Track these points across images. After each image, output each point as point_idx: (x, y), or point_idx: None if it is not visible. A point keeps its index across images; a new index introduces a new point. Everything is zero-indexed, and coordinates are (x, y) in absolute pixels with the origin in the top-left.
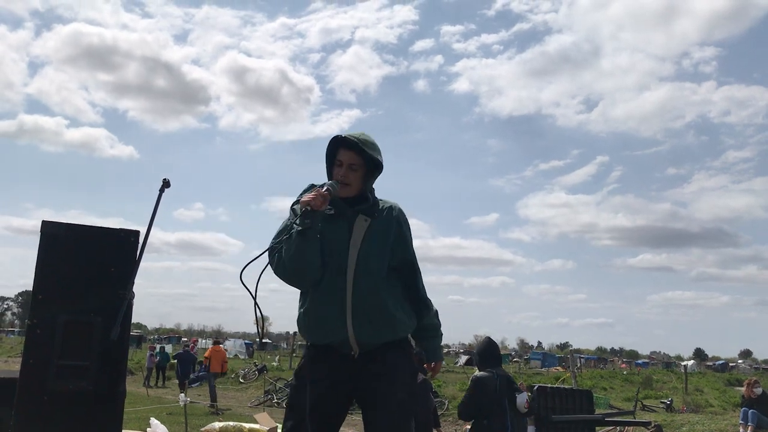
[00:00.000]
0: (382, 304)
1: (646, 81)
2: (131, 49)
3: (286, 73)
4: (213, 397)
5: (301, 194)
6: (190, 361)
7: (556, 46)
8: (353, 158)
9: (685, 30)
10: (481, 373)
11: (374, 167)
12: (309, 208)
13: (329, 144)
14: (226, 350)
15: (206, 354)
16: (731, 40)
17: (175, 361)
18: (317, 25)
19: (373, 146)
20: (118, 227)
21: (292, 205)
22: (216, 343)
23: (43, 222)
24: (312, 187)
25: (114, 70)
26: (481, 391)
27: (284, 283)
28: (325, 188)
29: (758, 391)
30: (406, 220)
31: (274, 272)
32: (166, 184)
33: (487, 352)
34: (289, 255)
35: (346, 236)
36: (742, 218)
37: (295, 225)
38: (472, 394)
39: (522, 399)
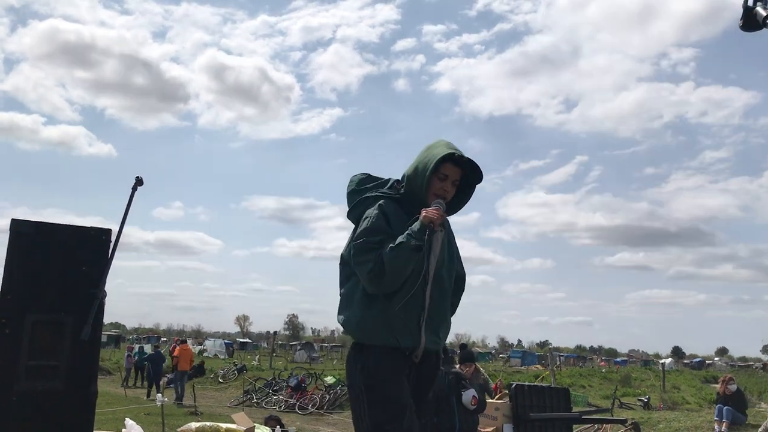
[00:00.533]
0: (446, 315)
1: (625, 81)
2: (109, 46)
3: (267, 71)
4: (180, 396)
5: (361, 189)
6: (161, 361)
7: (536, 47)
8: (458, 175)
9: (662, 31)
10: None
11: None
12: (433, 225)
13: (443, 156)
14: (204, 349)
15: (175, 353)
16: (707, 42)
17: (147, 363)
18: (299, 23)
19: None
20: (94, 226)
21: (377, 203)
22: (182, 342)
23: (12, 220)
24: (367, 176)
25: (92, 68)
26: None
27: (374, 287)
28: (437, 206)
29: (733, 388)
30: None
31: (367, 274)
32: (138, 182)
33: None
34: (396, 265)
35: (426, 245)
36: (718, 218)
37: (412, 238)
38: None
39: (468, 396)
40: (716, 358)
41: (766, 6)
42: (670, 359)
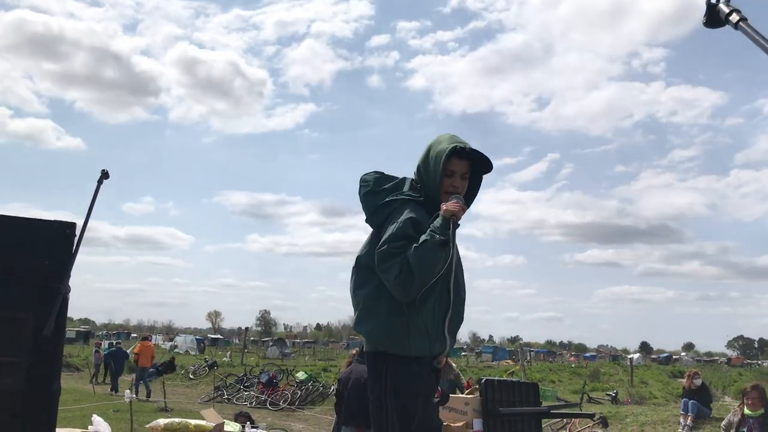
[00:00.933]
0: (462, 319)
1: (596, 80)
2: (78, 38)
3: (239, 66)
4: (147, 392)
5: (379, 191)
6: (122, 357)
7: (509, 45)
8: (466, 167)
9: (632, 30)
10: None
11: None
12: (455, 218)
13: (447, 153)
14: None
15: (135, 350)
16: (677, 42)
17: (110, 360)
18: (273, 17)
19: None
20: (57, 219)
21: (406, 208)
22: (145, 339)
23: None
24: (381, 175)
25: (60, 60)
26: None
27: (401, 293)
28: (456, 200)
29: (698, 382)
30: None
31: (394, 280)
32: (104, 175)
33: None
34: (424, 264)
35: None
36: (685, 215)
37: (436, 234)
38: None
39: None
40: (683, 354)
41: (728, 3)
42: (638, 354)
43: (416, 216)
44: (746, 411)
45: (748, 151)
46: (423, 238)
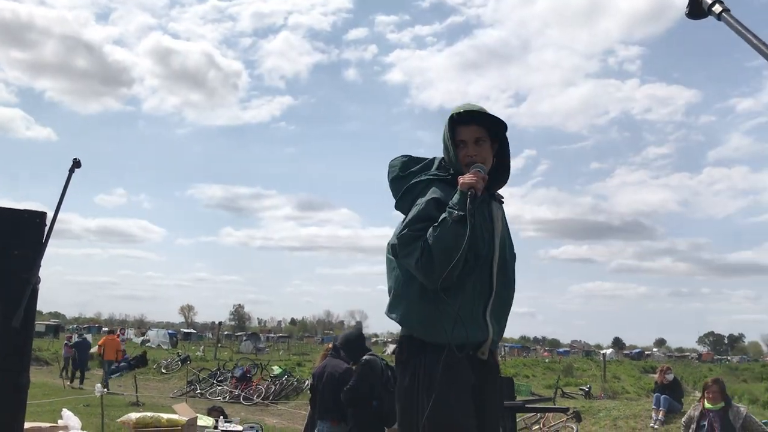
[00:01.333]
0: (511, 304)
1: (573, 77)
2: (49, 26)
3: (214, 57)
4: (106, 381)
5: (406, 175)
6: (87, 349)
7: (487, 40)
8: (476, 131)
9: (609, 28)
10: (370, 356)
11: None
12: (474, 191)
13: (448, 126)
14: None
15: (100, 342)
16: (652, 40)
17: (73, 350)
18: (249, 8)
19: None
20: (27, 209)
21: (430, 188)
22: (110, 332)
23: None
24: (409, 159)
25: (30, 48)
26: (373, 373)
27: (424, 277)
28: (475, 171)
29: (670, 377)
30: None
31: (415, 265)
32: (76, 164)
33: (356, 343)
34: (442, 244)
35: (489, 225)
36: (658, 212)
37: (453, 211)
38: (366, 377)
39: None
40: (655, 349)
41: None
42: (610, 350)
43: (440, 195)
44: (707, 404)
45: (721, 149)
46: (441, 216)
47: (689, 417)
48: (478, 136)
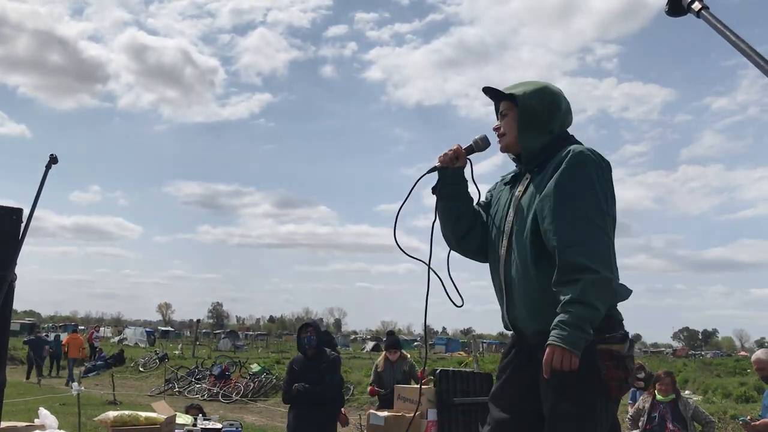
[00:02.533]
0: (528, 292)
1: (550, 75)
2: (22, 21)
3: (191, 54)
4: (70, 381)
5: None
6: (42, 345)
7: (466, 38)
8: (503, 105)
9: (585, 26)
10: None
11: (532, 110)
12: (439, 164)
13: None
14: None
15: (64, 341)
16: (628, 39)
17: (27, 346)
18: (228, 5)
19: (515, 84)
20: (3, 205)
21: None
22: (74, 331)
23: None
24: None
25: (2, 43)
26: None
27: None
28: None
29: (641, 375)
30: (575, 164)
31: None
32: (53, 160)
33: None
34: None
35: (507, 203)
36: (634, 209)
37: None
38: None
39: None
40: None
41: None
42: None
43: (492, 190)
44: (658, 396)
45: (696, 147)
46: None
47: (637, 410)
48: (504, 109)
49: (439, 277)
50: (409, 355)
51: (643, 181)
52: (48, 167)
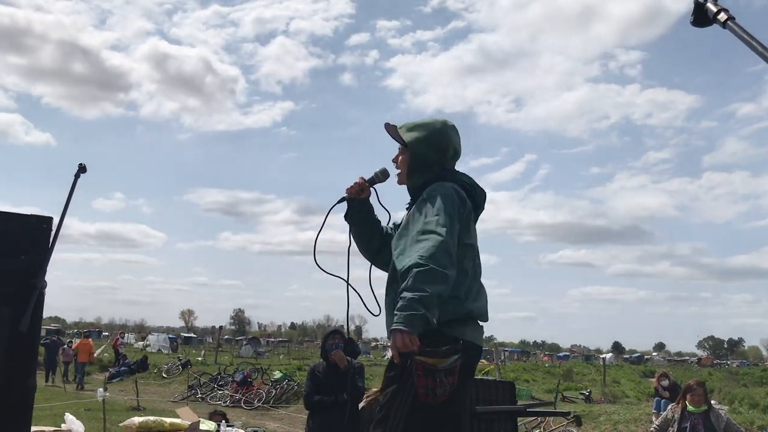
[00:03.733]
0: (387, 307)
1: (574, 82)
2: (46, 31)
3: (213, 63)
4: (78, 383)
5: None
6: (55, 349)
7: (488, 45)
8: (400, 144)
9: (605, 33)
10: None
11: (422, 156)
12: (346, 195)
13: None
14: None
15: (74, 346)
16: (652, 45)
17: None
18: (251, 14)
19: (410, 126)
20: (34, 214)
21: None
22: (85, 336)
23: None
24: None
25: (27, 54)
26: None
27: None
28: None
29: (665, 383)
30: (430, 196)
31: None
32: (81, 169)
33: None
34: None
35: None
36: (657, 217)
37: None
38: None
39: None
40: (654, 353)
41: (716, 2)
42: (610, 354)
43: None
44: (689, 407)
45: (721, 154)
46: None
47: (665, 420)
48: (399, 148)
49: (356, 291)
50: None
51: (667, 188)
52: (77, 176)
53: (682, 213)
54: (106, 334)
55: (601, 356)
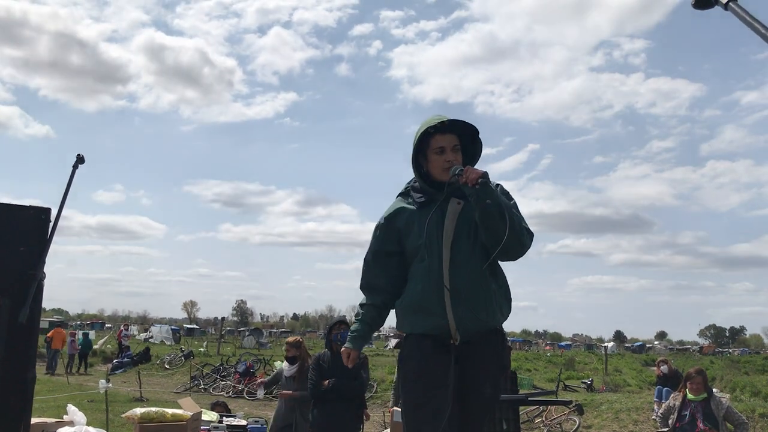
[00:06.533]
0: (479, 290)
1: (578, 71)
2: (43, 23)
3: (209, 54)
4: (53, 369)
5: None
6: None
7: (492, 35)
8: (453, 140)
9: (599, 22)
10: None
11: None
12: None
13: (420, 135)
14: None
15: (48, 335)
16: (658, 33)
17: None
18: (254, 5)
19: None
20: (32, 205)
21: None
22: (58, 325)
23: None
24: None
25: (23, 46)
26: None
27: None
28: (457, 171)
29: (664, 369)
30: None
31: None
32: (80, 159)
33: None
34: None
35: (440, 220)
36: (658, 206)
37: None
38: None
39: None
40: (656, 342)
41: None
42: (612, 343)
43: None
44: (689, 395)
45: (725, 143)
46: None
47: (668, 408)
48: (455, 143)
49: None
50: None
51: (671, 177)
52: (75, 167)
53: (684, 202)
54: (109, 325)
55: (603, 345)
